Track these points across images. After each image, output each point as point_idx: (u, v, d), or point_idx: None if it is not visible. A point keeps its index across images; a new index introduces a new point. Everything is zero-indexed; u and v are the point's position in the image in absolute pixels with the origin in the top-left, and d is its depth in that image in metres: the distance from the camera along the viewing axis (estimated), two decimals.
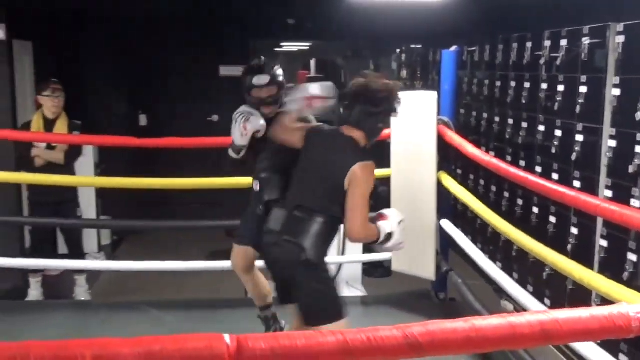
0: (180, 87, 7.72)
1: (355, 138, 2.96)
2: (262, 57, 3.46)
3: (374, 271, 5.93)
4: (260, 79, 3.35)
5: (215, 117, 7.84)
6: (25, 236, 5.52)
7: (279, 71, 3.43)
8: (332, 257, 5.34)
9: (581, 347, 2.65)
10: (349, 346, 1.30)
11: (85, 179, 5.35)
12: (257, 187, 3.45)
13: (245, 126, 3.31)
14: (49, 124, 4.89)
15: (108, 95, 7.31)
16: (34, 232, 5.16)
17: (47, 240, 5.27)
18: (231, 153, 3.43)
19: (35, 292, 5.09)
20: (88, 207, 6.00)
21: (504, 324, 1.42)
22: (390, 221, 3.00)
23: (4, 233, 5.37)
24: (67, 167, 4.95)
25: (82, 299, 5.20)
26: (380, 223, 2.98)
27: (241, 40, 7.88)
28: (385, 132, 4.67)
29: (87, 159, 5.91)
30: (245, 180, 4.49)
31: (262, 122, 3.33)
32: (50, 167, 4.84)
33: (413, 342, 1.34)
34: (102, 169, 6.45)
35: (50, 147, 4.89)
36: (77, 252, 5.15)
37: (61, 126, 4.91)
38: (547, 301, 4.54)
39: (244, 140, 3.33)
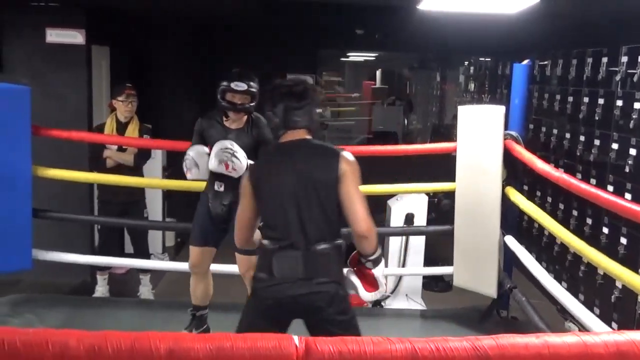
0: None
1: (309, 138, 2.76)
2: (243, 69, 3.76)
3: (434, 285, 5.86)
4: (238, 85, 3.61)
5: None
6: (94, 234, 5.69)
7: (255, 83, 3.67)
8: (392, 270, 5.34)
9: None
10: (417, 355, 1.28)
11: (152, 181, 5.48)
12: (220, 187, 3.65)
13: (229, 166, 3.53)
14: (121, 127, 5.05)
15: (179, 100, 7.48)
16: (102, 231, 5.32)
17: (115, 239, 5.43)
18: (187, 174, 3.68)
19: (101, 289, 5.24)
20: (154, 209, 6.14)
21: (578, 343, 1.38)
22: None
23: (75, 230, 5.55)
24: (136, 169, 5.10)
25: (146, 297, 5.32)
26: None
27: (308, 49, 7.95)
28: (452, 145, 4.65)
29: (155, 162, 6.06)
30: None
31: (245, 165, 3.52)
32: (120, 168, 5.00)
33: (482, 355, 1.31)
34: (170, 172, 6.60)
35: (121, 149, 5.05)
36: (142, 252, 5.29)
37: (132, 129, 5.06)
38: (614, 325, 4.39)
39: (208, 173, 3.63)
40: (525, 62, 4.48)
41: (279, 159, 2.72)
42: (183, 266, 5.34)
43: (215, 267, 4.13)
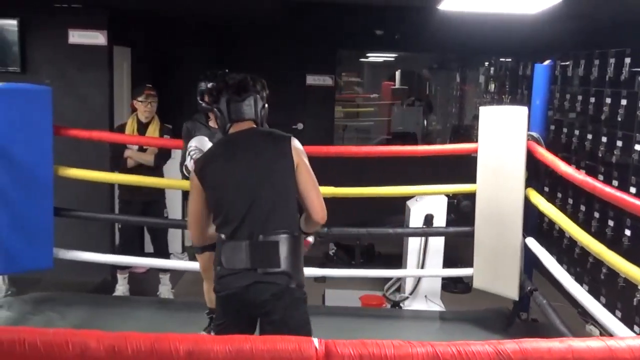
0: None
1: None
2: (225, 71, 3.69)
3: (453, 286, 5.82)
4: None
5: (300, 126, 7.93)
6: (115, 233, 5.73)
7: None
8: (411, 271, 5.31)
9: None
10: (439, 358, 1.27)
11: (172, 182, 5.49)
12: None
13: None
14: (141, 127, 5.08)
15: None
16: (123, 230, 5.36)
17: (135, 239, 5.47)
18: (185, 172, 3.67)
19: (122, 288, 5.28)
20: (174, 208, 6.17)
21: (603, 348, 1.35)
22: None
23: (96, 230, 5.59)
24: (156, 169, 5.13)
25: (165, 296, 5.34)
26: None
27: (327, 50, 7.94)
28: (472, 146, 4.61)
29: (175, 162, 6.08)
30: (326, 190, 4.54)
31: None
32: (140, 168, 5.04)
33: (505, 359, 1.29)
34: None
35: (141, 149, 5.08)
36: (162, 251, 5.32)
37: (153, 129, 5.09)
38: (636, 328, 4.34)
39: None
40: (547, 62, 4.44)
41: (225, 149, 2.67)
42: None
43: None
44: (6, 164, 4.15)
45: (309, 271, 4.70)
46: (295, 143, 2.62)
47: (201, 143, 3.62)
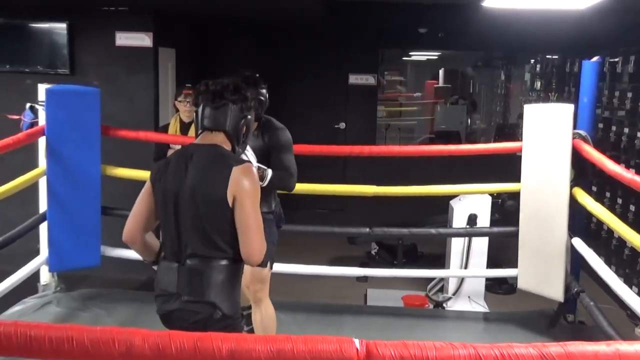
0: (309, 94, 7.88)
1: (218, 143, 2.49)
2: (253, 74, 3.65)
3: (497, 287, 5.75)
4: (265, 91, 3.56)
5: (342, 125, 7.93)
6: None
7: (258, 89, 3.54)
8: (454, 271, 5.26)
9: None
10: None
11: None
12: None
13: None
14: (184, 127, 5.14)
15: None
16: None
17: None
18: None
19: None
20: None
21: None
22: None
23: None
24: None
25: None
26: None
27: (370, 49, 7.92)
28: (517, 145, 4.54)
29: None
30: (369, 189, 4.53)
31: None
32: None
33: None
34: None
35: None
36: None
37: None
38: None
39: None
40: (595, 59, 4.33)
41: (178, 161, 2.46)
42: None
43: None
44: (56, 163, 4.26)
45: (352, 271, 4.73)
46: (239, 174, 2.35)
47: None
